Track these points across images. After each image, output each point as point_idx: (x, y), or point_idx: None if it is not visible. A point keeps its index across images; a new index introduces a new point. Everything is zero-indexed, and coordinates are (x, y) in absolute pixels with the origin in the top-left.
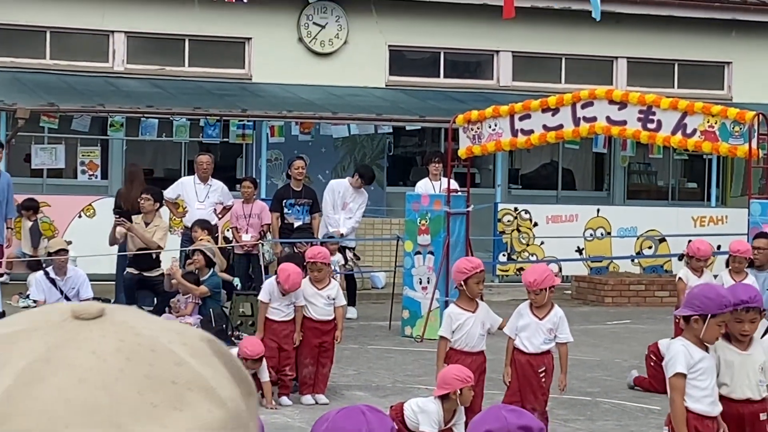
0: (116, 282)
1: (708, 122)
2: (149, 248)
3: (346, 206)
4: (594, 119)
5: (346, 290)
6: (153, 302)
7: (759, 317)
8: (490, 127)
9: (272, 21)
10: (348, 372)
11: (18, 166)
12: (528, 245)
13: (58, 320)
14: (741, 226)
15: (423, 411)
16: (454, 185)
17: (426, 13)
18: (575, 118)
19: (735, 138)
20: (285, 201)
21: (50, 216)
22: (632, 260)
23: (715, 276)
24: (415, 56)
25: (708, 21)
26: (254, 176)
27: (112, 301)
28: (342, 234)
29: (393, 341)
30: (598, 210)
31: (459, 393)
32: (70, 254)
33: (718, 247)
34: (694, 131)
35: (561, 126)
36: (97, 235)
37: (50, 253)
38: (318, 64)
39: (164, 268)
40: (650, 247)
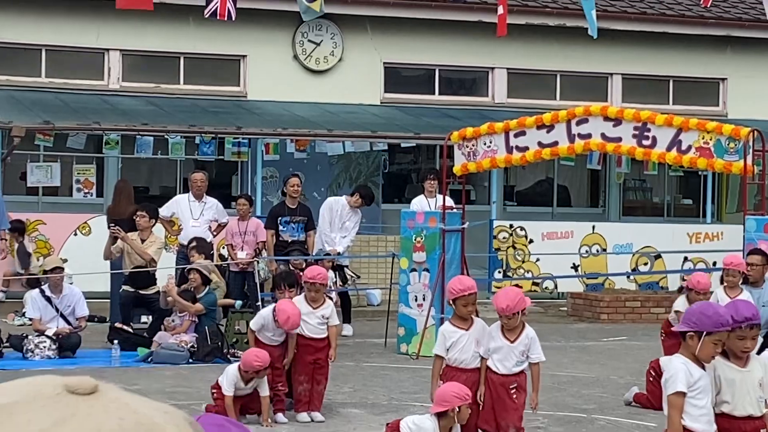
0: (111, 300)
1: (703, 138)
2: (143, 260)
3: (343, 225)
4: (589, 136)
5: (341, 307)
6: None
7: (758, 334)
8: (485, 144)
9: (267, 38)
10: (344, 389)
11: (13, 184)
12: (523, 262)
13: (53, 393)
14: (736, 243)
15: (420, 428)
16: (450, 202)
17: (421, 31)
18: (570, 135)
19: (730, 154)
20: (280, 218)
21: (46, 234)
22: (628, 277)
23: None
24: (410, 73)
25: (703, 37)
26: (249, 194)
27: (107, 319)
28: (338, 252)
29: (389, 358)
30: (594, 227)
31: (457, 410)
32: (66, 272)
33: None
34: (689, 147)
35: (556, 143)
36: (93, 253)
37: (46, 271)
38: (313, 82)
39: (160, 286)
40: (646, 264)
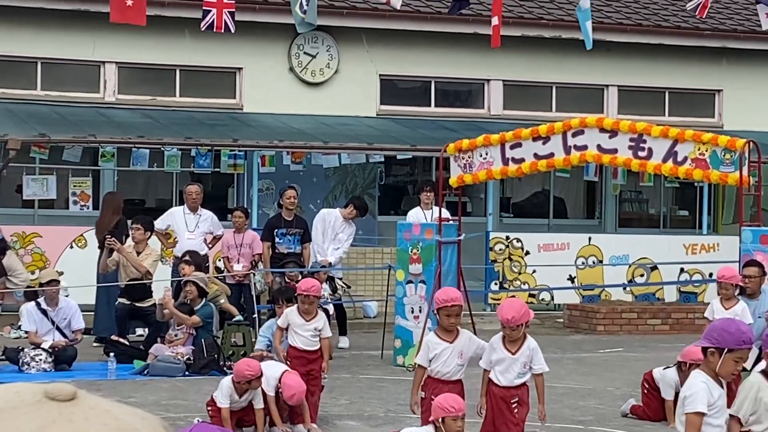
0: (95, 311)
1: (699, 150)
2: (138, 272)
3: (336, 236)
4: (585, 147)
5: (336, 319)
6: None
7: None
8: (481, 156)
9: (263, 51)
10: (340, 401)
11: (9, 197)
12: (520, 274)
13: (33, 400)
14: (732, 254)
15: None
16: (446, 214)
17: (416, 43)
18: (566, 147)
19: (726, 165)
20: (276, 230)
21: (41, 247)
22: (624, 288)
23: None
24: (406, 85)
25: (698, 49)
26: (245, 206)
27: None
28: (330, 263)
29: (385, 370)
30: (590, 238)
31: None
32: (62, 285)
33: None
34: (685, 159)
35: (552, 154)
36: (89, 266)
37: (42, 284)
38: (309, 94)
39: (156, 298)
40: (642, 275)
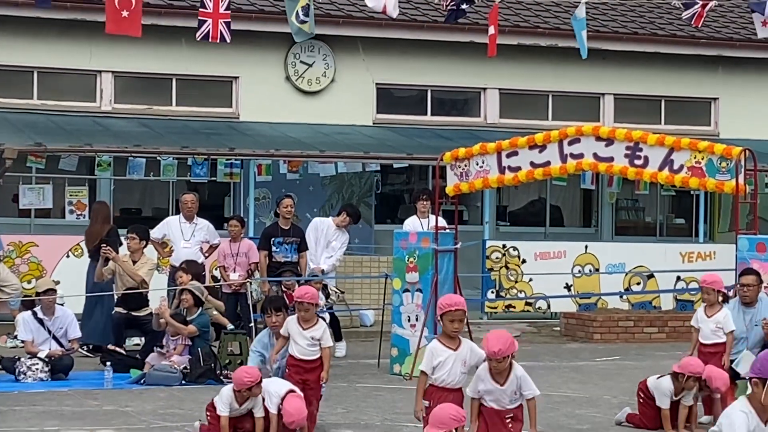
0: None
1: (695, 158)
2: (134, 281)
3: (329, 245)
4: (581, 156)
5: (330, 326)
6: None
7: None
8: (478, 165)
9: (259, 60)
10: (337, 410)
11: (5, 207)
12: (516, 282)
13: None
14: (729, 262)
15: None
16: (442, 222)
17: (413, 51)
18: (562, 155)
19: (722, 174)
20: (273, 239)
21: (38, 256)
22: (621, 296)
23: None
24: (403, 94)
25: (694, 57)
26: (242, 215)
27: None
28: (322, 271)
29: (382, 379)
30: (587, 246)
31: None
32: (58, 294)
33: None
34: (681, 167)
35: (548, 163)
36: (85, 276)
37: (38, 293)
38: (305, 103)
39: (152, 307)
40: (639, 284)
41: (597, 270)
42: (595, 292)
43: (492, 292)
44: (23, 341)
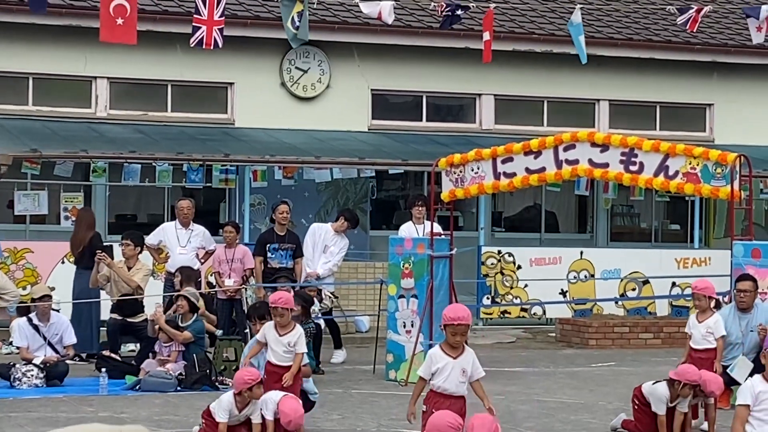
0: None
1: (690, 164)
2: (129, 287)
3: (327, 249)
4: (576, 162)
5: (330, 334)
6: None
7: None
8: (473, 171)
9: (254, 66)
10: (332, 416)
11: (1, 213)
12: (512, 288)
13: None
14: (724, 268)
15: None
16: (438, 228)
17: (408, 57)
18: (557, 161)
19: (717, 179)
20: (269, 245)
21: (33, 262)
22: (616, 302)
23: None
24: (398, 100)
25: (689, 63)
26: (237, 221)
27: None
28: (318, 275)
29: (377, 385)
30: (582, 252)
31: None
32: (53, 300)
33: None
34: (676, 173)
35: (543, 169)
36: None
37: (34, 299)
38: (300, 109)
39: (148, 314)
40: (634, 289)
41: (592, 276)
42: (591, 298)
43: (487, 298)
44: (18, 347)
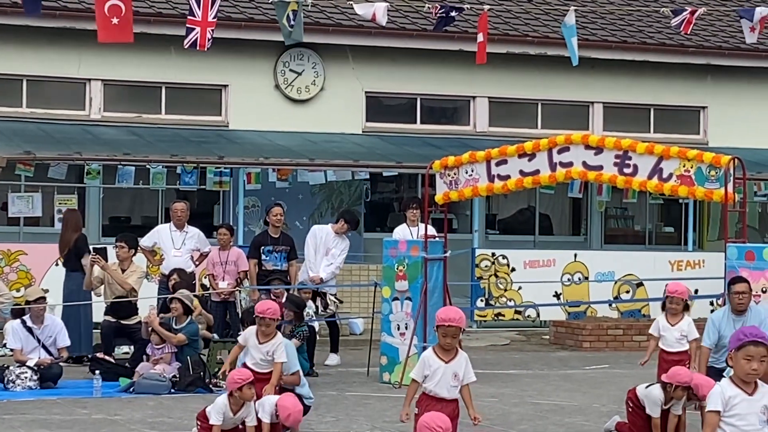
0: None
1: (684, 166)
2: (123, 289)
3: (329, 252)
4: (570, 164)
5: (329, 336)
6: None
7: None
8: (467, 173)
9: (249, 68)
10: (326, 419)
11: None
12: (506, 290)
13: None
14: (718, 270)
15: None
16: (432, 231)
17: (402, 60)
18: (552, 164)
19: (711, 182)
20: (263, 248)
21: (27, 264)
22: (610, 305)
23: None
24: (392, 102)
25: (683, 66)
26: (231, 223)
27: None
28: (321, 279)
29: (371, 387)
30: (576, 255)
31: None
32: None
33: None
34: (671, 176)
35: (537, 171)
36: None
37: (29, 302)
38: (295, 111)
39: (141, 316)
40: (628, 292)
41: (586, 278)
42: (585, 301)
43: (481, 301)
44: (12, 349)
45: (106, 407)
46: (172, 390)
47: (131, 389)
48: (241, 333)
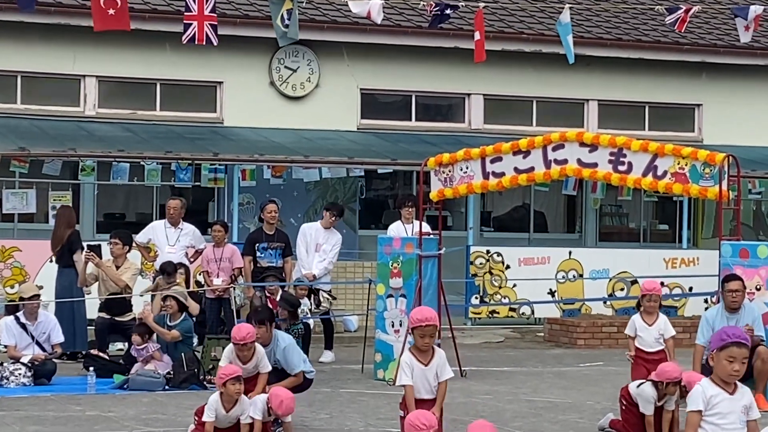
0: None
1: (678, 164)
2: (117, 286)
3: (320, 248)
4: (565, 162)
5: (324, 333)
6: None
7: None
8: (462, 170)
9: (243, 65)
10: (321, 416)
11: None
12: (500, 288)
13: None
14: (712, 268)
15: None
16: (426, 228)
17: (397, 57)
18: (546, 161)
19: (705, 180)
20: (258, 244)
21: (21, 261)
22: (604, 302)
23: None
24: (387, 99)
25: (678, 63)
26: (226, 220)
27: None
28: (315, 276)
29: (365, 384)
30: (570, 252)
31: None
32: (42, 299)
33: (690, 289)
34: (665, 173)
35: (532, 168)
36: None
37: (23, 298)
38: (289, 108)
39: (136, 313)
40: (622, 289)
41: (581, 276)
42: (579, 298)
43: (476, 298)
44: (6, 346)
45: (100, 404)
46: (167, 387)
47: (125, 386)
48: (224, 352)
